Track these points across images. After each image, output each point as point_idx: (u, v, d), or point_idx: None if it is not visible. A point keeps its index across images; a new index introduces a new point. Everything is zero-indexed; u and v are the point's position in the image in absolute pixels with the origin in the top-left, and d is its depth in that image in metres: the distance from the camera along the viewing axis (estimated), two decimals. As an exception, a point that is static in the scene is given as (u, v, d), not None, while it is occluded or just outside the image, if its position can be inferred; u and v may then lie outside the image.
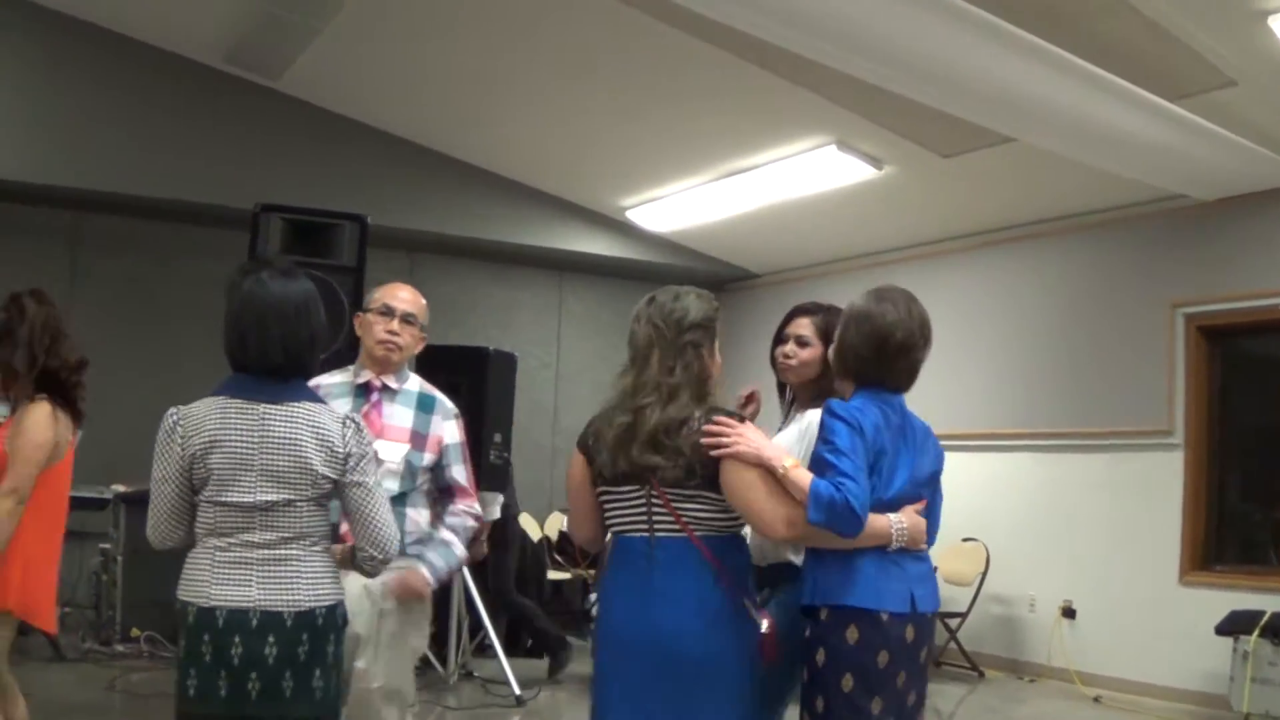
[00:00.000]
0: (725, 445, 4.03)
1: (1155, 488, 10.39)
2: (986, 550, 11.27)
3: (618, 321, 4.34)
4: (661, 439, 4.07)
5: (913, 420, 4.32)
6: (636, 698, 4.13)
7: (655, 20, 9.11)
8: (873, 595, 4.06)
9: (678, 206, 12.80)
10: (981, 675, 11.09)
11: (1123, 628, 10.44)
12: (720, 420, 4.07)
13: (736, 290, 14.54)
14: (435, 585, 5.05)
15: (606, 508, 4.29)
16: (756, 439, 4.07)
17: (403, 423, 5.19)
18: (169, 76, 11.57)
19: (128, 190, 11.54)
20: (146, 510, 4.10)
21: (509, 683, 9.26)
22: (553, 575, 12.53)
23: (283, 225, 8.45)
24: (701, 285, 4.40)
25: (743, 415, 4.29)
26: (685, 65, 9.80)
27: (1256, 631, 8.98)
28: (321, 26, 10.27)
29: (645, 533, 4.17)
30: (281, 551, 3.96)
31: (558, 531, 13.26)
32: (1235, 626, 9.20)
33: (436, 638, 10.18)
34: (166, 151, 11.47)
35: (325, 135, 12.17)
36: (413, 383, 5.37)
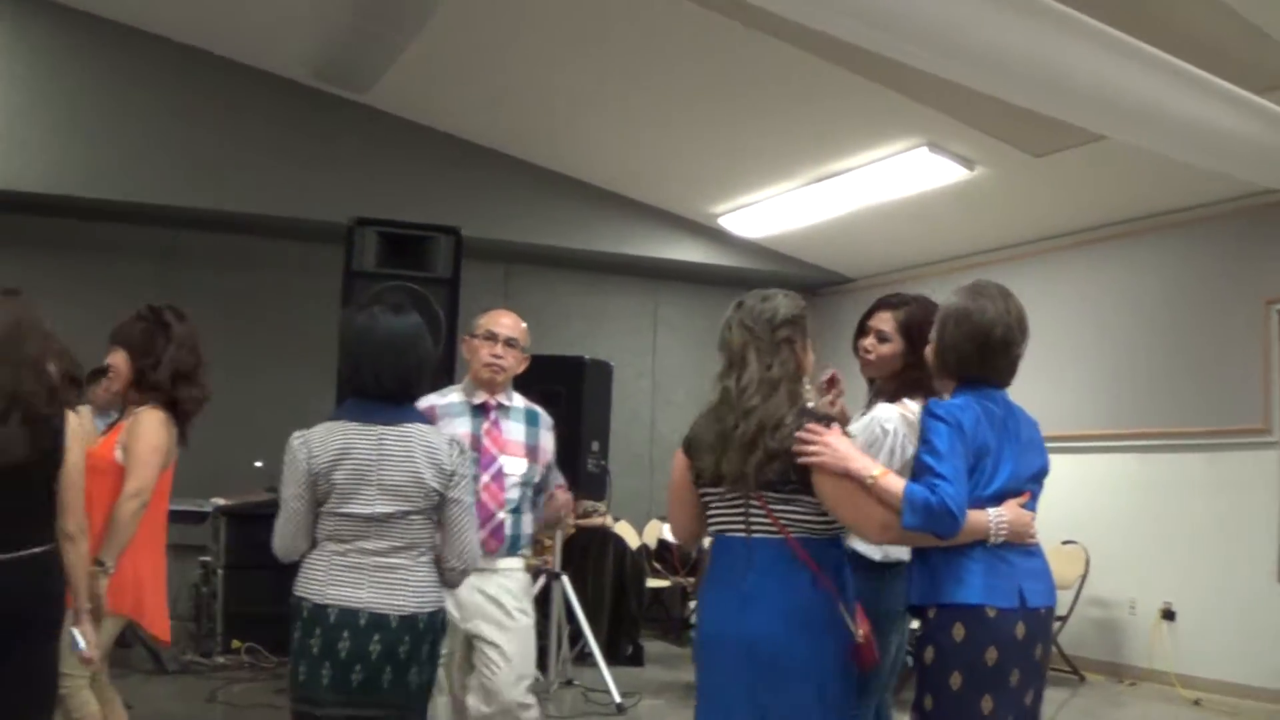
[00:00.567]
0: (811, 455, 4.05)
1: (1253, 486, 10.20)
2: (1086, 553, 11.11)
3: (712, 329, 4.35)
4: (760, 442, 4.09)
5: (1019, 414, 4.29)
6: (728, 698, 4.16)
7: (743, 26, 9.09)
8: (978, 591, 4.04)
9: (770, 212, 12.75)
10: (1082, 679, 10.95)
11: (1222, 629, 10.26)
12: (809, 428, 4.08)
13: (830, 295, 14.46)
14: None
15: (708, 508, 4.34)
16: (844, 448, 4.07)
17: (519, 438, 5.71)
18: (259, 93, 11.73)
19: (220, 207, 11.70)
20: (245, 524, 4.27)
21: (609, 690, 9.25)
22: (652, 583, 12.51)
23: (377, 239, 8.49)
24: (794, 290, 4.41)
25: (832, 417, 4.30)
26: (775, 70, 9.77)
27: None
28: (408, 41, 10.32)
29: (743, 534, 4.19)
30: (392, 560, 4.37)
31: (656, 539, 13.25)
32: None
33: (536, 646, 10.26)
34: (258, 167, 11.62)
35: (417, 148, 12.25)
36: (518, 399, 5.86)
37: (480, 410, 5.71)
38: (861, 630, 4.10)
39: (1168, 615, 10.68)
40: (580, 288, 14.21)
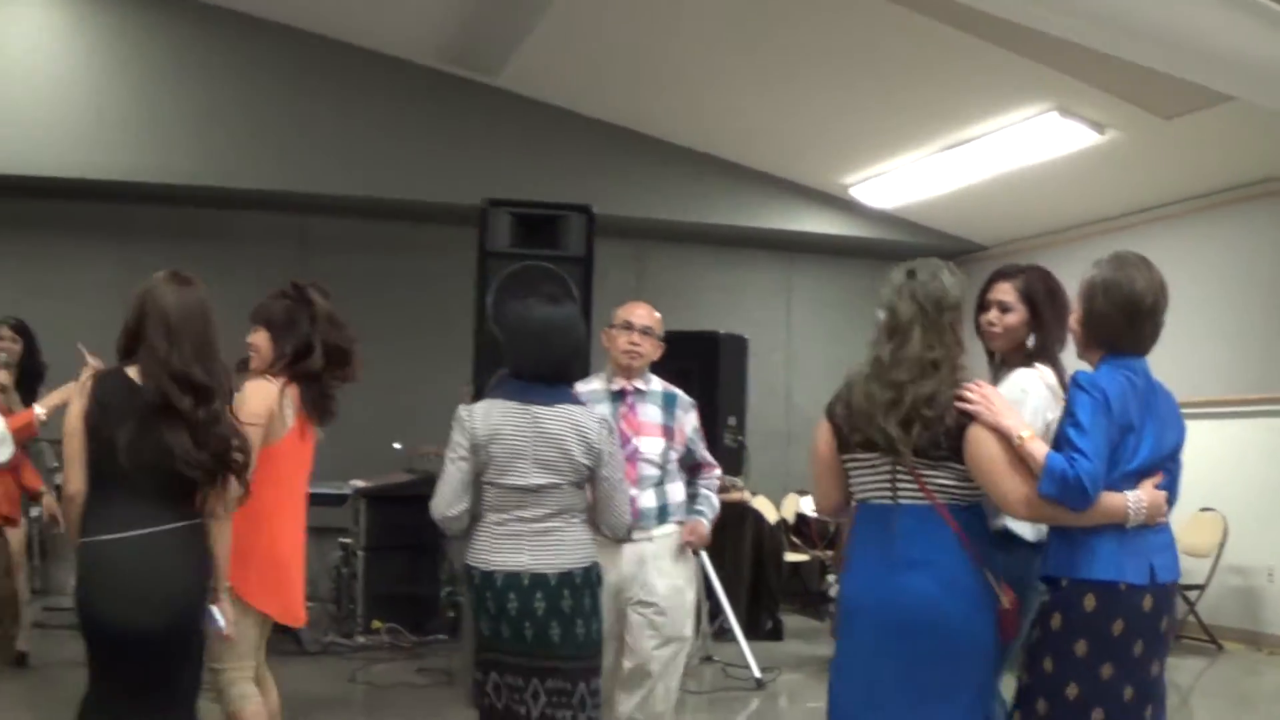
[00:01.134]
0: (970, 405, 4.12)
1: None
2: (1224, 521, 10.91)
3: (846, 299, 4.42)
4: (916, 412, 4.15)
5: (1157, 387, 4.28)
6: (871, 663, 4.23)
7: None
8: (1113, 568, 4.06)
9: (901, 181, 12.67)
10: (1220, 648, 10.79)
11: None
12: (975, 383, 4.19)
13: (963, 264, 14.00)
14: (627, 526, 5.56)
15: (851, 475, 4.39)
16: (1000, 404, 4.15)
17: (654, 419, 5.98)
18: (388, 79, 11.91)
19: (353, 192, 11.89)
20: (385, 505, 4.34)
21: (749, 665, 9.25)
22: (790, 557, 12.48)
23: (510, 219, 8.50)
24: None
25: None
26: (903, 38, 9.70)
27: None
28: (534, 22, 10.36)
29: (889, 500, 4.24)
30: (547, 524, 4.87)
31: (794, 513, 13.22)
32: None
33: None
34: (391, 152, 11.78)
35: (547, 128, 12.32)
36: (655, 383, 6.13)
37: (618, 396, 5.97)
38: (1006, 599, 4.14)
39: (1307, 583, 10.50)
40: (713, 263, 14.19)
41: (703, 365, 9.22)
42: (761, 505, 12.31)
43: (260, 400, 5.22)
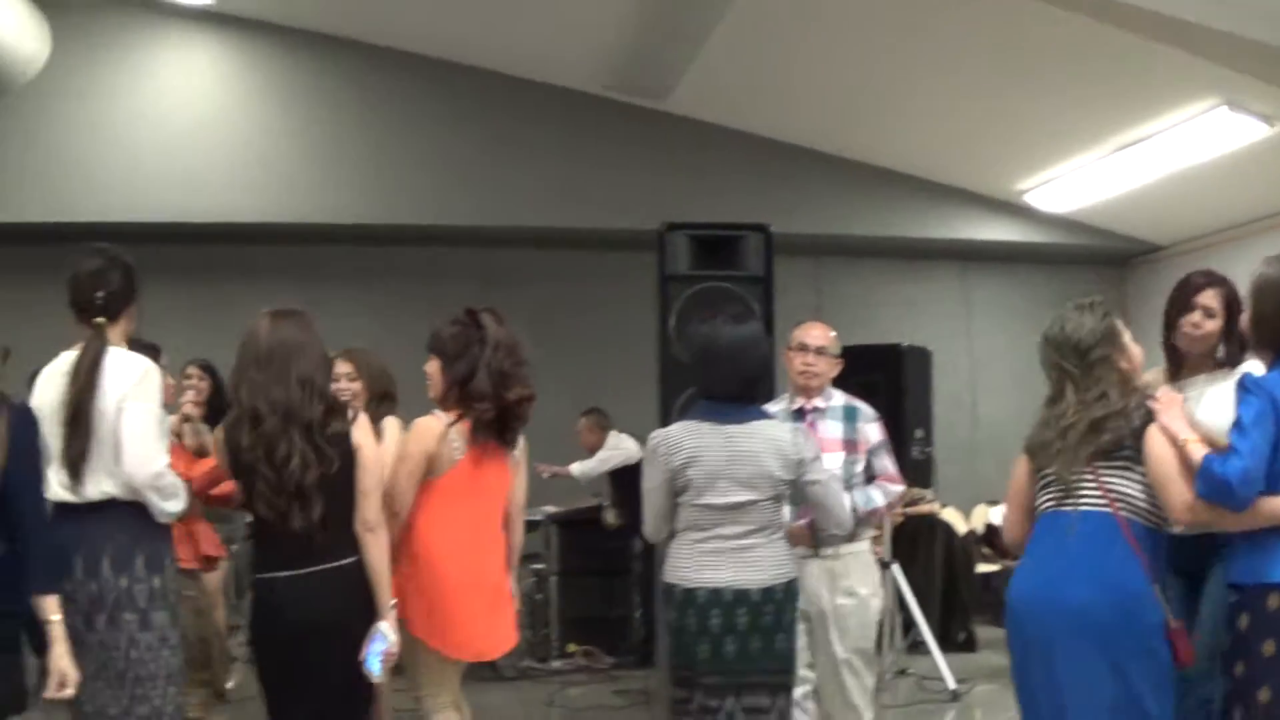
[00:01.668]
0: (1155, 405, 4.25)
1: None
2: None
3: (1027, 307, 4.49)
4: (1094, 430, 4.28)
5: None
6: (1040, 664, 4.31)
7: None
8: None
9: (1074, 184, 12.50)
10: None
11: None
12: (1168, 394, 4.34)
13: (1140, 265, 14.05)
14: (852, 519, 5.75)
15: (1039, 495, 4.48)
16: (1176, 407, 4.26)
17: (835, 435, 6.09)
18: (557, 109, 12.11)
19: (530, 223, 12.06)
20: (575, 530, 4.50)
21: (943, 677, 9.21)
22: (981, 568, 12.39)
23: (688, 242, 8.56)
24: (1104, 263, 4.56)
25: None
26: (1066, 41, 9.60)
27: None
28: (701, 45, 10.43)
29: (1070, 507, 4.33)
30: (748, 541, 4.95)
31: (984, 523, 13.11)
32: None
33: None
34: (564, 182, 11.95)
35: (718, 149, 12.40)
36: (836, 398, 6.25)
37: (798, 415, 6.08)
38: (1174, 622, 4.20)
39: None
40: (891, 275, 14.12)
41: (888, 378, 9.19)
42: (950, 517, 12.24)
43: (415, 441, 5.30)
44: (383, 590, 4.84)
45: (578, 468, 10.79)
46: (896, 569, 9.56)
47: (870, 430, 6.20)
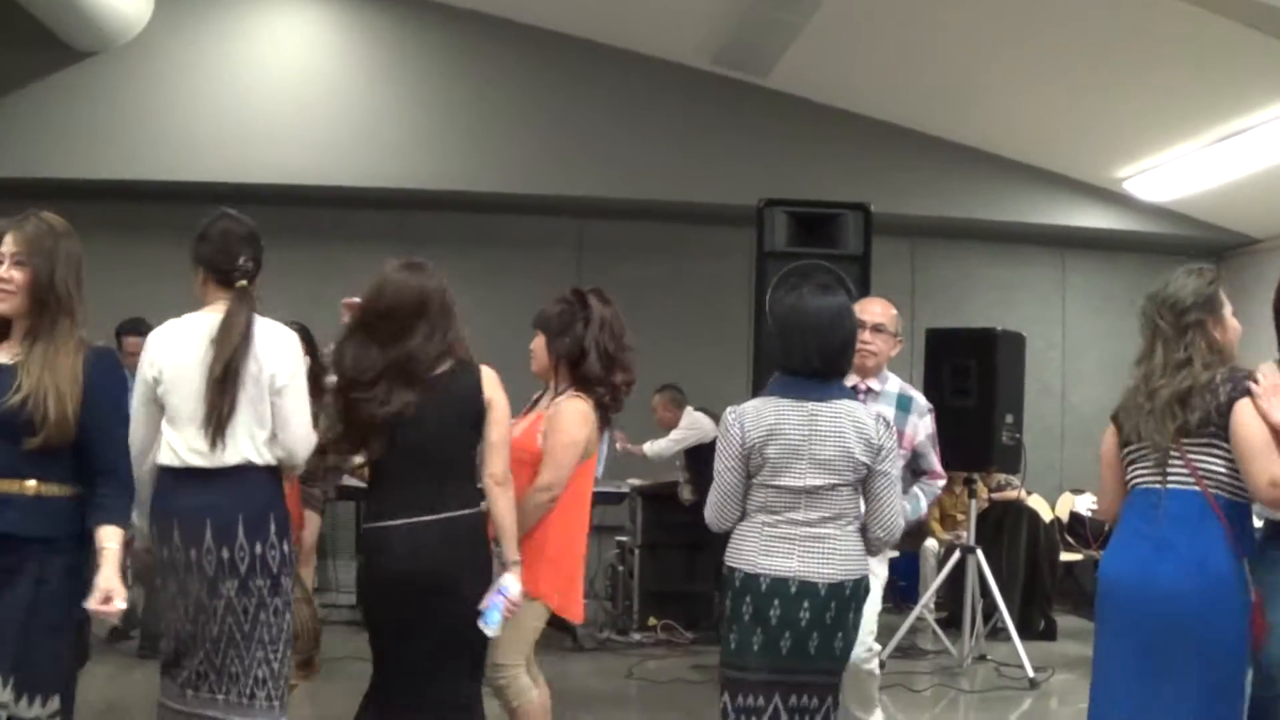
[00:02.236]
0: (1254, 385, 4.21)
1: None
2: None
3: (1122, 295, 4.48)
4: (1180, 403, 4.27)
5: None
6: (1116, 645, 4.35)
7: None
8: None
9: (1174, 173, 12.35)
10: None
11: None
12: (1273, 378, 4.26)
13: (1236, 257, 13.89)
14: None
15: (1128, 469, 4.48)
16: (1274, 392, 4.20)
17: None
18: (662, 82, 12.08)
19: (628, 195, 12.06)
20: (660, 504, 4.42)
21: (1023, 665, 9.18)
22: (1065, 557, 12.31)
23: (787, 219, 8.57)
24: (1201, 254, 4.57)
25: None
26: (1170, 29, 9.52)
27: None
28: (804, 22, 10.42)
29: (1158, 484, 4.32)
30: (820, 530, 4.57)
31: (1069, 512, 13.04)
32: None
33: (949, 621, 10.23)
34: (665, 155, 11.94)
35: (819, 127, 12.36)
36: (892, 384, 6.03)
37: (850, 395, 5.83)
38: (1254, 595, 4.20)
39: None
40: (987, 259, 14.04)
41: (980, 363, 9.16)
42: (1036, 504, 12.18)
43: (578, 427, 5.34)
44: (509, 545, 4.90)
45: (650, 447, 10.71)
46: (980, 555, 9.54)
47: (922, 425, 6.02)
